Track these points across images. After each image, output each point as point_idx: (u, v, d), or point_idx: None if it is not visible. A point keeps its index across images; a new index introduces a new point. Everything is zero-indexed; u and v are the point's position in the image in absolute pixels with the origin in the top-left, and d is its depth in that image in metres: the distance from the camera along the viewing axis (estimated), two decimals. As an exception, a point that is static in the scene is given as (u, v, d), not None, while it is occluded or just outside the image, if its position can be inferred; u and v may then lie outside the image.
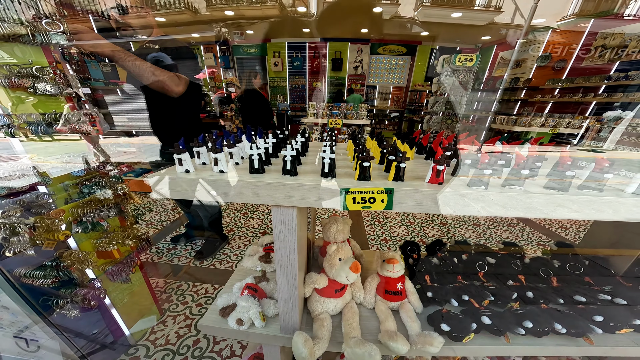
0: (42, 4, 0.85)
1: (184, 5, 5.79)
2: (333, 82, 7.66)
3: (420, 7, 5.78)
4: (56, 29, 0.78)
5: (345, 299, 0.88)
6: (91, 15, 1.38)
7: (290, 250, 0.63)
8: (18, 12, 0.80)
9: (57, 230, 0.86)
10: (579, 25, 5.37)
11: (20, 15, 0.75)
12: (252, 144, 0.55)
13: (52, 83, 0.81)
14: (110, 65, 3.42)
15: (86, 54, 1.21)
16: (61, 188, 0.93)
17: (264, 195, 0.55)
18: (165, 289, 1.94)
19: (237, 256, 2.32)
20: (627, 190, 0.48)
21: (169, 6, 5.75)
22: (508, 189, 0.48)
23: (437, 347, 0.72)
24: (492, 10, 5.57)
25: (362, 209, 0.53)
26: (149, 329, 1.59)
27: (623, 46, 4.49)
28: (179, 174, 0.57)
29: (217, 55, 7.38)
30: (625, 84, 4.35)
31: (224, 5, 6.12)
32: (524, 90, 6.11)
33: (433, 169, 0.51)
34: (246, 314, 0.82)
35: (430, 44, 7.20)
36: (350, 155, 0.79)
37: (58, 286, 0.94)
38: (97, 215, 0.98)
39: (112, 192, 1.00)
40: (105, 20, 1.45)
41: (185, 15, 5.94)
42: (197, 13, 6.09)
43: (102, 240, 1.04)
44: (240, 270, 1.11)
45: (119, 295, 1.31)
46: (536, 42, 6.01)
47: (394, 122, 8.09)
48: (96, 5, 1.63)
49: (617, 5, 5.06)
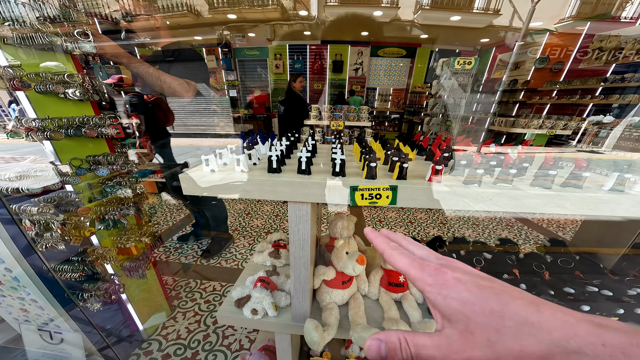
0: (72, 13, 0.92)
1: (187, 8, 5.88)
2: (334, 84, 7.75)
3: (420, 10, 5.87)
4: (86, 39, 0.85)
5: (352, 290, 0.95)
6: (96, 18, 1.44)
7: (304, 242, 0.70)
8: (50, 23, 0.88)
9: (84, 227, 0.92)
10: (576, 27, 5.46)
11: (55, 27, 0.83)
12: (270, 146, 0.62)
13: (80, 89, 0.88)
14: (115, 68, 3.50)
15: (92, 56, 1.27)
16: (86, 187, 1.00)
17: (281, 192, 0.61)
18: (174, 286, 2.00)
19: (243, 255, 2.38)
20: (604, 188, 0.55)
21: (171, 9, 5.84)
22: (498, 187, 0.55)
23: (436, 333, 0.78)
24: (490, 13, 5.66)
25: (370, 204, 0.60)
26: (160, 324, 1.66)
27: (619, 48, 4.57)
28: (205, 174, 0.64)
29: (219, 57, 7.48)
30: (621, 86, 4.43)
31: (226, 9, 6.20)
32: (522, 92, 6.19)
33: (432, 169, 0.58)
34: (260, 304, 0.89)
35: (429, 46, 7.28)
36: (357, 156, 0.85)
37: (83, 280, 1.00)
38: (118, 213, 1.04)
39: (132, 192, 1.07)
40: (110, 23, 1.51)
41: (188, 18, 6.03)
42: (199, 16, 6.18)
43: (122, 237, 1.11)
44: (251, 265, 1.18)
45: (134, 290, 1.37)
46: (534, 44, 6.09)
47: (394, 123, 8.17)
48: (99, 8, 1.69)
49: (613, 8, 5.14)
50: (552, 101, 5.60)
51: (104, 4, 1.73)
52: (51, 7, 0.87)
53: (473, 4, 5.61)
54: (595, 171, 0.66)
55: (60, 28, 0.90)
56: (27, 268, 0.91)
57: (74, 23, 0.91)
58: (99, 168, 0.95)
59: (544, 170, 0.52)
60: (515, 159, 0.54)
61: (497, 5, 5.49)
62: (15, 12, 0.81)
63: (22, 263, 0.89)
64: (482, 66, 6.96)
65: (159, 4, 5.55)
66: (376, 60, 7.54)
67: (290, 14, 6.38)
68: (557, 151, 0.93)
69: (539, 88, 5.95)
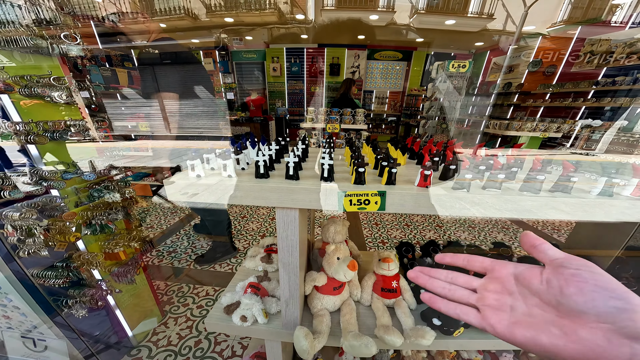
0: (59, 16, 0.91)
1: (184, 12, 5.88)
2: (331, 86, 7.77)
3: (416, 14, 5.93)
4: (73, 42, 0.84)
5: (344, 297, 0.93)
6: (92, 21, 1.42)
7: (293, 249, 0.68)
8: (37, 26, 0.86)
9: (69, 232, 0.90)
10: (567, 32, 5.55)
11: (42, 31, 0.81)
12: (258, 151, 0.61)
13: (67, 92, 0.86)
14: (111, 70, 3.46)
15: (88, 58, 1.25)
16: (72, 191, 0.97)
17: (269, 198, 0.60)
18: (166, 291, 1.97)
19: (237, 259, 2.36)
20: (592, 193, 0.55)
21: (169, 12, 5.83)
22: (487, 191, 0.54)
23: (429, 340, 0.77)
24: (484, 17, 5.74)
25: (358, 209, 0.59)
26: (150, 330, 1.62)
27: (610, 52, 4.64)
28: (191, 179, 0.63)
29: (217, 60, 7.47)
30: (613, 89, 4.49)
31: (224, 12, 6.21)
32: (516, 95, 6.26)
33: (421, 174, 0.57)
34: (249, 311, 0.87)
35: (425, 49, 7.36)
36: (348, 160, 0.85)
37: (67, 286, 0.98)
38: (106, 217, 1.02)
39: (120, 196, 1.05)
40: (107, 26, 1.49)
41: (185, 21, 6.03)
42: (196, 19, 6.17)
43: (110, 242, 1.08)
44: (243, 270, 1.16)
45: (123, 296, 1.34)
46: (527, 48, 6.18)
47: (391, 126, 8.21)
48: (96, 10, 1.68)
49: (603, 12, 5.24)
50: (546, 104, 5.67)
51: (100, 7, 1.72)
52: (38, 9, 0.86)
53: (467, 8, 5.68)
54: (585, 175, 0.66)
55: (46, 31, 0.89)
56: (8, 274, 0.88)
57: (61, 26, 0.89)
58: (85, 172, 0.93)
59: (532, 175, 0.52)
60: (504, 164, 0.54)
61: (490, 9, 5.57)
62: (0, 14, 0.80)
63: (3, 269, 0.86)
64: (477, 69, 7.04)
65: (156, 7, 5.55)
66: (373, 63, 7.59)
67: (288, 17, 6.41)
68: (547, 154, 0.93)
69: (532, 91, 6.02)
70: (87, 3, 1.72)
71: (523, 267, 0.30)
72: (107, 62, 3.42)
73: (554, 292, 0.26)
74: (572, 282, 0.25)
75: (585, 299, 0.24)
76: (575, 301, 0.25)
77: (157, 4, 5.59)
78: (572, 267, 0.26)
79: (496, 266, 0.33)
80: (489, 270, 0.34)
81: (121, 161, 3.17)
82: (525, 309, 0.28)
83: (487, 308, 0.31)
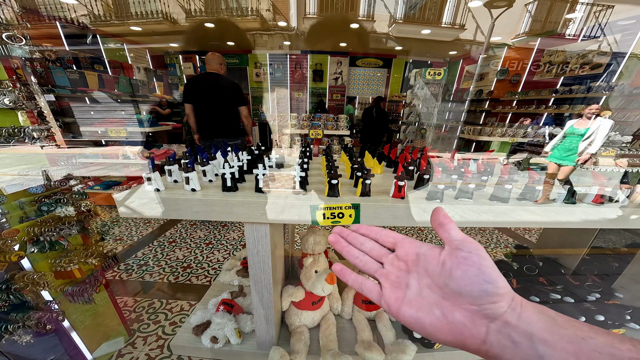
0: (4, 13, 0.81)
1: (162, 16, 5.64)
2: (314, 92, 7.81)
3: (394, 23, 6.16)
4: (18, 42, 0.74)
5: (323, 311, 0.90)
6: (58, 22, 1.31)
7: (265, 265, 0.64)
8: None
9: (10, 252, 0.79)
10: (529, 43, 6.02)
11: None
12: (224, 163, 0.56)
13: (10, 96, 0.76)
14: (78, 72, 3.23)
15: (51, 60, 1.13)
16: (16, 206, 0.86)
17: (236, 213, 0.56)
18: (134, 308, 1.81)
19: (216, 270, 2.24)
20: (557, 200, 0.56)
21: (146, 16, 5.56)
22: (459, 201, 0.54)
23: (410, 355, 0.75)
24: (457, 27, 6.08)
25: (332, 224, 0.56)
26: (115, 352, 1.47)
27: (566, 63, 5.09)
28: (148, 193, 0.57)
29: (197, 65, 7.24)
30: (570, 97, 4.91)
31: (204, 17, 6.05)
32: (487, 102, 6.66)
33: (395, 185, 0.56)
34: (221, 331, 0.81)
35: (404, 57, 7.65)
36: (324, 171, 0.82)
37: (8, 310, 0.85)
38: (57, 233, 0.91)
39: (75, 209, 0.94)
40: (76, 27, 1.39)
41: (163, 26, 5.78)
42: (175, 23, 5.96)
43: (62, 260, 0.97)
44: (217, 285, 1.09)
45: (79, 317, 1.21)
46: (495, 57, 6.62)
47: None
48: (65, 12, 1.56)
49: (559, 26, 5.75)
50: (513, 110, 6.08)
51: (69, 7, 1.60)
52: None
53: (441, 19, 5.99)
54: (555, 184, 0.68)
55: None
56: None
57: (5, 26, 0.80)
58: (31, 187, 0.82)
59: (500, 185, 0.52)
60: (475, 172, 0.54)
61: (462, 20, 5.91)
62: None
63: None
64: (452, 77, 7.41)
65: (132, 11, 5.28)
66: (355, 70, 7.75)
67: (270, 24, 6.38)
68: (515, 160, 0.97)
69: (501, 98, 6.44)
70: (55, 4, 1.59)
71: (427, 247, 0.30)
72: (75, 65, 3.21)
73: (444, 274, 0.26)
74: (461, 265, 0.26)
75: (465, 282, 0.25)
76: (457, 284, 0.25)
77: (133, 7, 5.31)
78: (465, 250, 0.26)
79: (405, 243, 0.32)
80: (397, 246, 0.33)
81: (89, 169, 2.93)
82: (417, 288, 0.28)
83: (387, 285, 0.30)
